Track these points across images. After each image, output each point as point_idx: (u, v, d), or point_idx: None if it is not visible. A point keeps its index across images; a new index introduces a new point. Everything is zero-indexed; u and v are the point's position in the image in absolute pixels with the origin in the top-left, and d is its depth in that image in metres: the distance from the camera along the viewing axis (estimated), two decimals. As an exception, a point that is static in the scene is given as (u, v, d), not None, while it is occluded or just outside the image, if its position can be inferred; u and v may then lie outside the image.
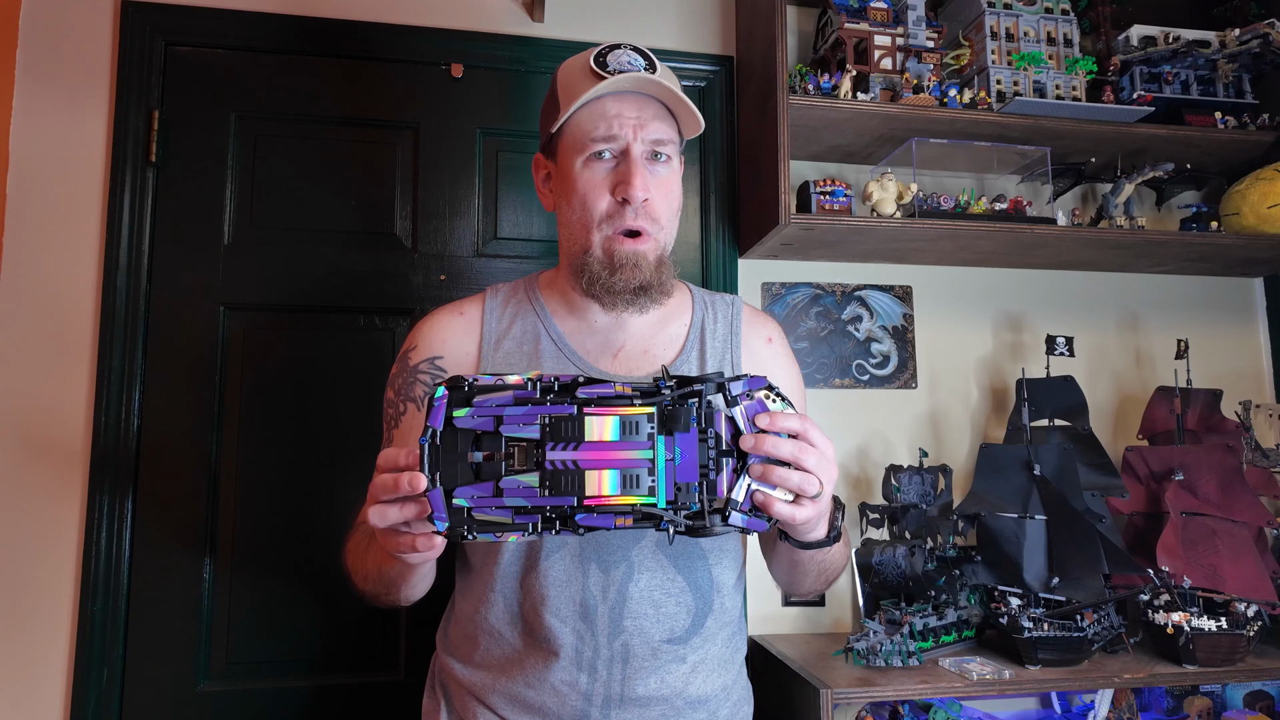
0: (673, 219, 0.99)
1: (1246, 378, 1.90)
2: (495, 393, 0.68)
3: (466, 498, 0.66)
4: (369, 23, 1.64)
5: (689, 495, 0.68)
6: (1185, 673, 1.38)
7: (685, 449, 0.69)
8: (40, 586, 1.43)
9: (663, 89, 0.93)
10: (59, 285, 1.50)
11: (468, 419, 0.67)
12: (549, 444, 0.67)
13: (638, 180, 0.92)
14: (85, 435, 1.47)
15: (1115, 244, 1.64)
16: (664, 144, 0.95)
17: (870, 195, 1.60)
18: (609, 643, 0.90)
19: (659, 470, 0.68)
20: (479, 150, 1.67)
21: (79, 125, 1.53)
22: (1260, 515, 1.55)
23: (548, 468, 0.67)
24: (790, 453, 0.70)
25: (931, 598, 1.49)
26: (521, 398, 0.68)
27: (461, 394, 0.68)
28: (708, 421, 0.70)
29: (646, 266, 0.94)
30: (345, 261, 1.59)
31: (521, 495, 0.66)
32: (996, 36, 1.66)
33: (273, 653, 1.49)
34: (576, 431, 0.67)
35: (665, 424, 0.69)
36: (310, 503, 1.52)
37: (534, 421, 0.67)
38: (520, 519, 0.67)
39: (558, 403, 0.68)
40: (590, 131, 0.93)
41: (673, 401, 0.69)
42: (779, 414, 0.71)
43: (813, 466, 0.71)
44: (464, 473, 0.67)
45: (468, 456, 0.67)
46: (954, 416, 1.79)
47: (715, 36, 1.80)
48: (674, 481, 0.68)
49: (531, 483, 0.67)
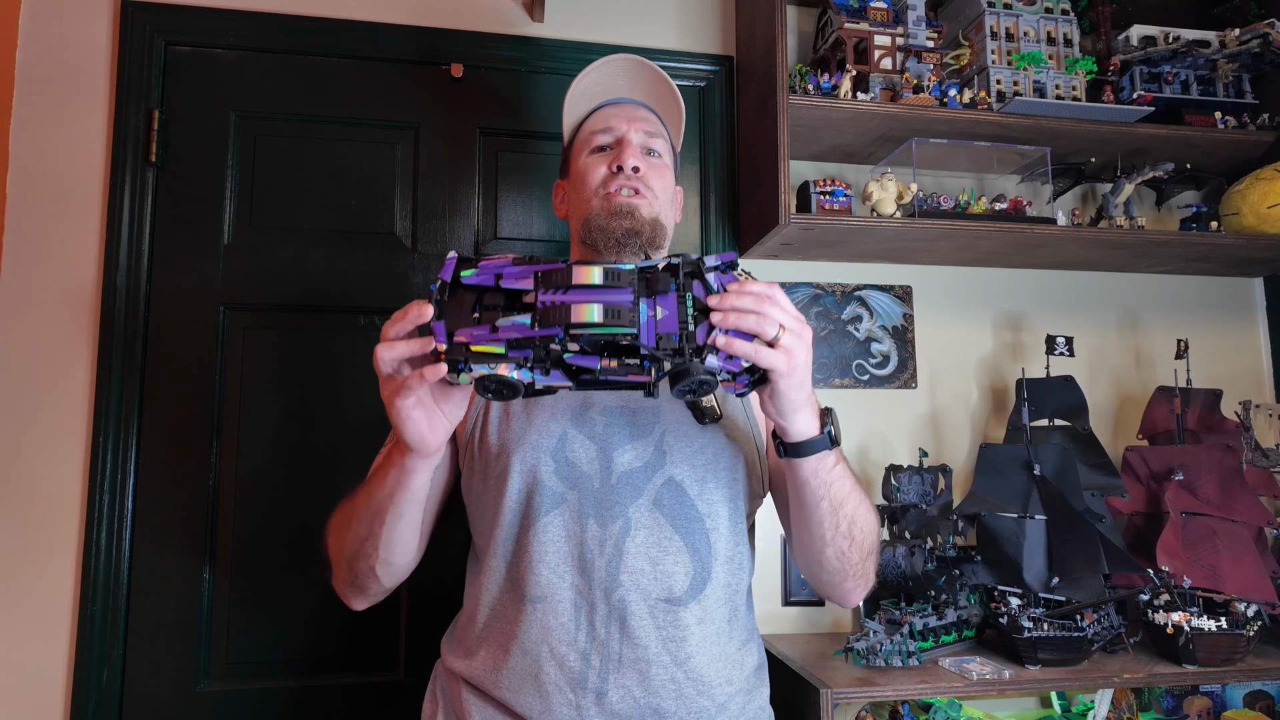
0: (667, 202, 1.10)
1: (1246, 377, 1.90)
2: (498, 259, 0.77)
3: (466, 336, 0.74)
4: (369, 22, 1.64)
5: (669, 343, 0.74)
6: (1185, 672, 1.38)
7: (666, 307, 0.75)
8: (40, 586, 1.43)
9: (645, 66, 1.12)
10: (59, 285, 1.50)
11: (472, 277, 0.76)
12: (540, 289, 0.74)
13: (629, 150, 1.06)
14: (85, 435, 1.47)
15: (1115, 244, 1.64)
16: (655, 137, 1.11)
17: (870, 195, 1.60)
18: (605, 597, 0.91)
19: (641, 319, 0.73)
20: (479, 150, 1.67)
21: (79, 125, 1.53)
22: (1260, 515, 1.55)
23: (538, 306, 0.73)
24: (753, 303, 0.76)
25: (931, 598, 1.49)
26: (519, 260, 0.76)
27: (469, 260, 0.77)
28: (686, 286, 0.76)
29: (640, 217, 1.04)
30: (345, 261, 1.59)
31: (514, 329, 0.73)
32: (996, 36, 1.66)
33: (273, 653, 1.49)
34: (564, 279, 0.73)
35: (648, 286, 0.75)
36: (310, 502, 1.52)
37: (529, 276, 0.75)
38: (514, 352, 0.74)
39: (549, 263, 0.75)
40: (592, 129, 1.11)
41: (654, 269, 0.76)
42: (746, 281, 0.78)
43: (774, 315, 0.76)
44: (466, 320, 0.75)
45: (470, 310, 0.76)
46: (954, 416, 1.79)
47: (715, 36, 1.80)
48: (655, 333, 0.74)
49: (524, 320, 0.73)
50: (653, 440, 0.98)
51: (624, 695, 0.89)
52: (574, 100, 1.15)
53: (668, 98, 1.16)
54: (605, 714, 0.89)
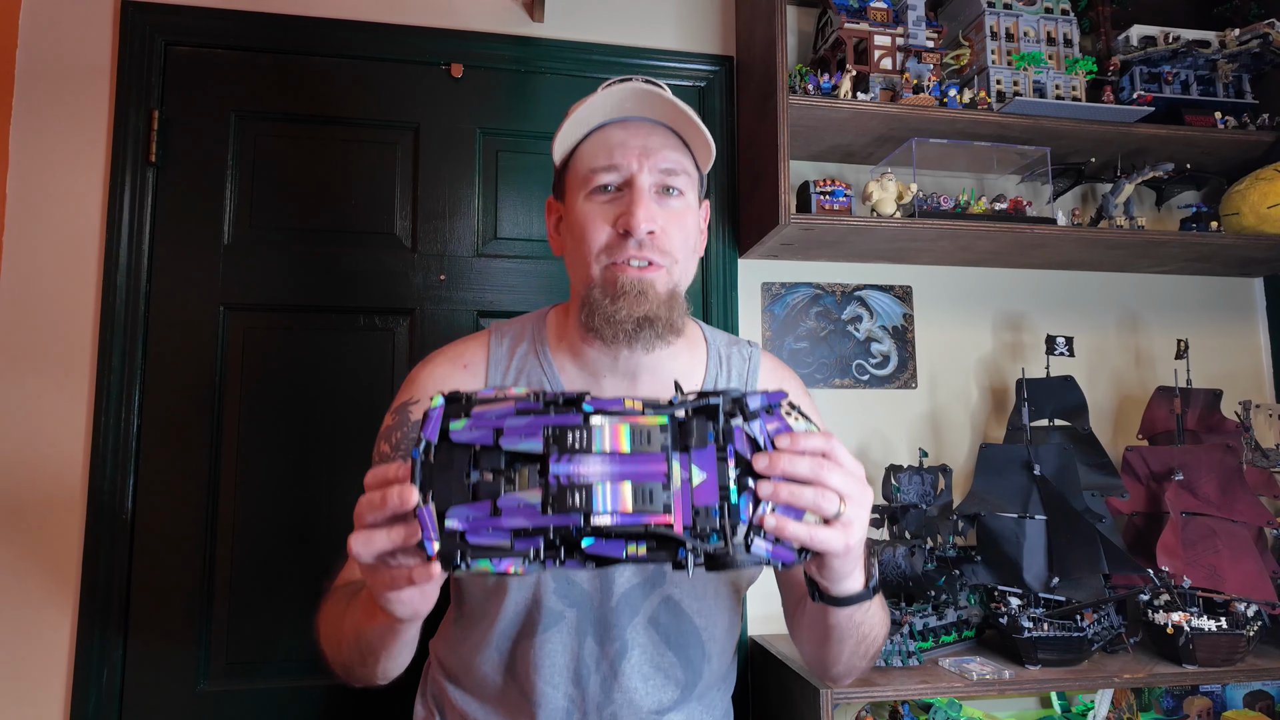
0: (688, 255, 0.90)
1: (1246, 378, 1.90)
2: (496, 404, 0.62)
3: (460, 519, 0.59)
4: (369, 23, 1.64)
5: (708, 520, 0.60)
6: (1185, 673, 1.38)
7: (704, 467, 0.61)
8: (40, 586, 1.43)
9: (669, 105, 0.86)
10: (59, 285, 1.50)
11: (465, 431, 0.60)
12: (553, 455, 0.59)
13: (640, 210, 0.83)
14: (85, 434, 1.47)
15: (1115, 244, 1.64)
16: (675, 174, 0.87)
17: (870, 195, 1.60)
18: (598, 711, 0.90)
19: (674, 489, 0.59)
20: (479, 150, 1.67)
21: (79, 125, 1.53)
22: (1260, 515, 1.55)
23: (551, 483, 0.58)
24: (809, 469, 0.62)
25: (931, 598, 1.49)
26: (524, 408, 0.61)
27: (459, 405, 0.62)
28: (726, 438, 0.62)
29: (654, 297, 0.85)
30: (345, 261, 1.59)
31: (522, 515, 0.59)
32: (996, 36, 1.66)
33: (273, 653, 1.49)
34: (583, 442, 0.59)
35: (680, 440, 0.61)
36: (310, 502, 1.52)
37: (536, 433, 0.60)
38: (520, 544, 0.59)
39: (563, 413, 0.61)
40: (592, 162, 0.87)
41: (687, 414, 0.62)
42: (801, 433, 0.63)
43: (835, 485, 0.63)
44: (459, 490, 0.60)
45: (464, 476, 0.60)
46: (954, 416, 1.79)
47: (715, 36, 1.80)
48: (691, 505, 0.60)
49: (533, 500, 0.59)
50: None
51: None
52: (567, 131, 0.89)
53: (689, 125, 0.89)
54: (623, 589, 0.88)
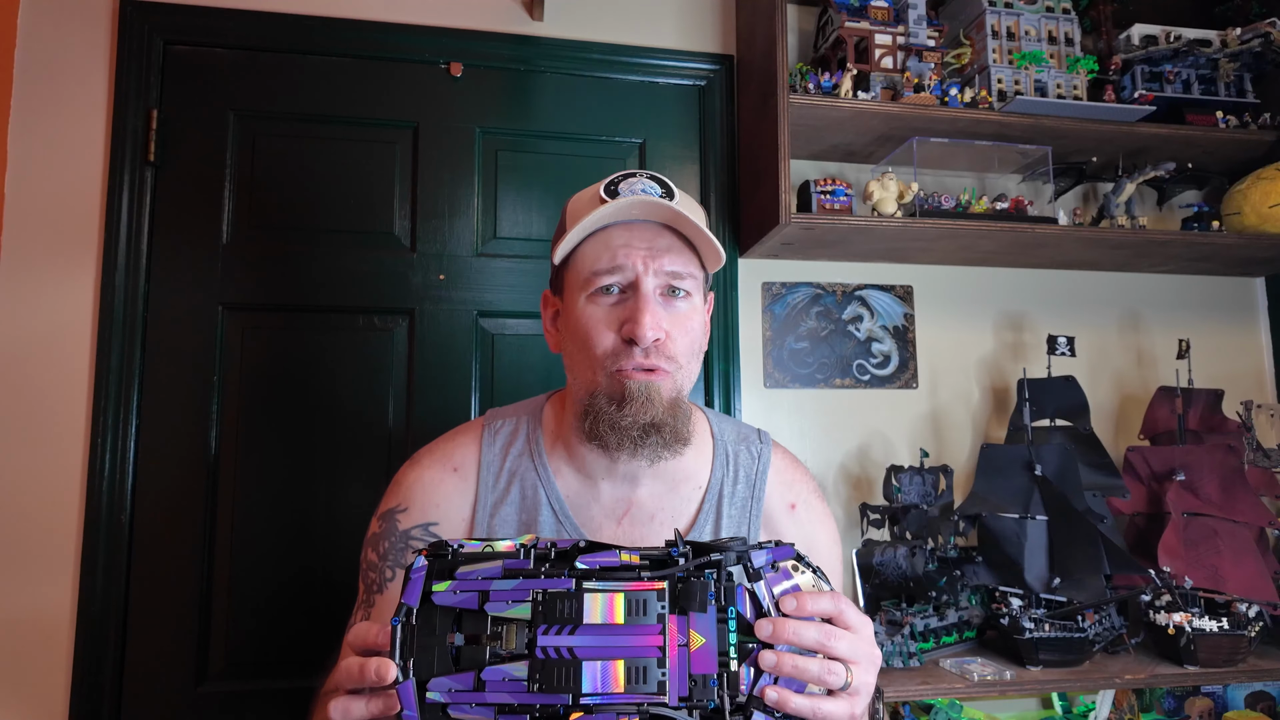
0: (693, 359, 0.87)
1: (1248, 377, 1.90)
2: (482, 562, 0.59)
3: (442, 691, 0.57)
4: (369, 22, 1.64)
5: (706, 691, 0.57)
6: (1186, 673, 1.38)
7: (703, 632, 0.58)
8: (39, 586, 1.43)
9: (679, 217, 0.83)
10: (58, 285, 1.49)
11: (448, 594, 0.58)
12: (541, 627, 0.56)
13: (646, 318, 0.80)
14: (84, 434, 1.46)
15: (1116, 244, 1.64)
16: (681, 277, 0.84)
17: (871, 194, 1.60)
18: None
19: (670, 659, 0.57)
20: (478, 150, 1.67)
21: (77, 125, 1.53)
22: (1262, 515, 1.54)
23: (539, 656, 0.56)
24: (815, 639, 0.59)
25: (932, 598, 1.49)
26: (512, 569, 0.59)
27: (443, 563, 0.60)
28: (728, 599, 0.59)
29: (660, 402, 0.82)
30: (345, 261, 1.59)
31: (507, 690, 0.56)
32: (997, 35, 1.65)
33: (272, 653, 1.49)
34: (574, 612, 0.57)
35: (678, 602, 0.58)
36: (309, 502, 1.52)
37: (525, 598, 0.57)
38: (505, 718, 0.57)
39: (553, 575, 0.58)
40: (595, 264, 0.83)
41: (687, 575, 0.59)
42: (808, 594, 0.60)
43: (843, 653, 0.60)
44: (441, 659, 0.57)
45: (447, 639, 0.58)
46: (955, 417, 1.78)
47: (715, 36, 1.80)
48: (688, 673, 0.57)
49: (519, 674, 0.56)
50: None
51: None
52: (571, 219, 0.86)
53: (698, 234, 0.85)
54: None
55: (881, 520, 1.56)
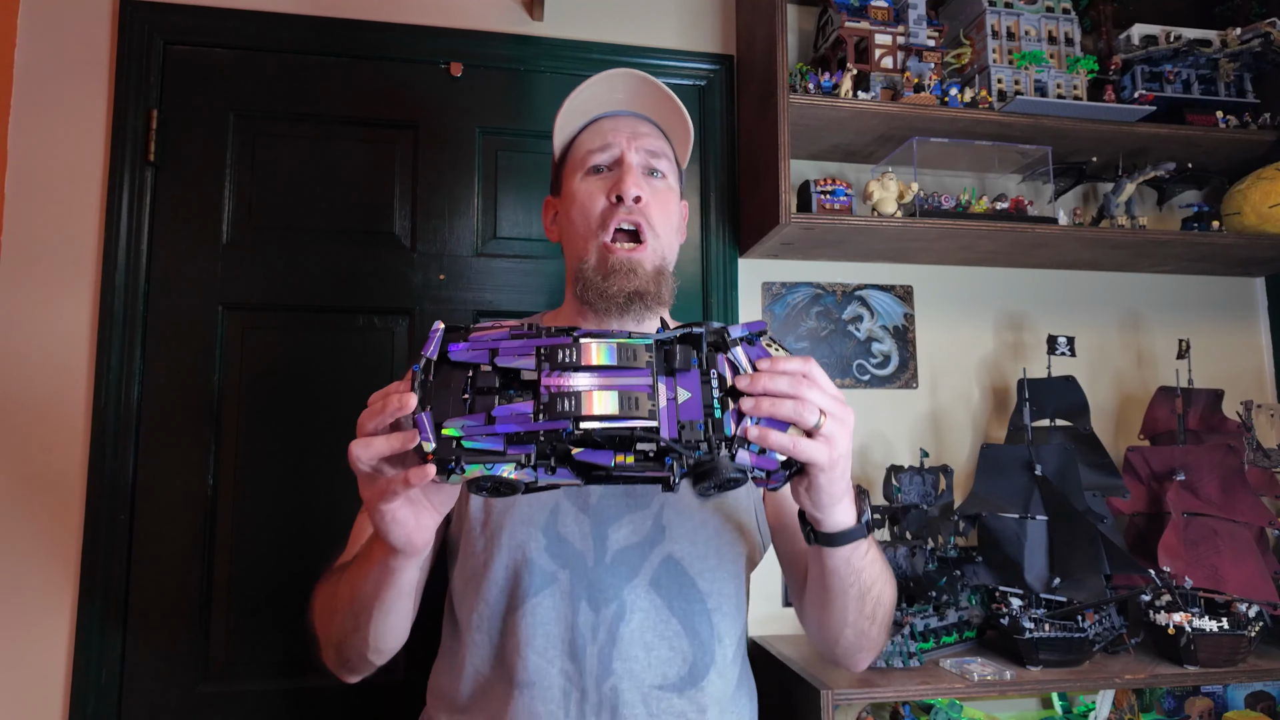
0: (671, 233, 0.99)
1: (1248, 377, 1.90)
2: (492, 330, 0.66)
3: (457, 427, 0.62)
4: (369, 22, 1.64)
5: (693, 432, 0.63)
6: (1186, 673, 1.38)
7: (688, 387, 0.65)
8: (39, 586, 1.43)
9: (649, 82, 0.99)
10: (58, 285, 1.49)
11: (462, 351, 0.65)
12: (544, 371, 0.63)
13: (630, 178, 0.94)
14: (84, 434, 1.47)
15: (1116, 243, 1.64)
16: (658, 157, 0.99)
17: (871, 194, 1.60)
18: (597, 686, 0.86)
19: (659, 408, 0.63)
20: (478, 149, 1.67)
21: (78, 125, 1.53)
22: (1262, 515, 1.54)
23: (542, 393, 0.62)
24: (788, 385, 0.65)
25: (932, 598, 1.49)
26: (518, 334, 0.66)
27: (458, 332, 0.66)
28: (709, 363, 0.66)
29: (643, 274, 0.93)
30: (345, 261, 1.59)
31: (515, 421, 0.62)
32: (997, 35, 1.65)
33: (272, 653, 1.49)
34: (573, 357, 0.63)
35: (665, 363, 0.65)
36: (309, 502, 1.52)
37: (529, 353, 0.64)
38: (514, 449, 0.62)
39: (554, 336, 0.65)
40: (588, 146, 0.98)
41: (671, 340, 0.66)
42: (779, 358, 0.68)
43: (814, 399, 0.66)
44: (456, 404, 0.63)
45: (461, 393, 0.64)
46: (955, 417, 1.78)
47: (715, 35, 1.80)
48: (677, 420, 0.64)
49: (525, 409, 0.62)
50: (651, 514, 0.91)
51: None
52: (566, 117, 1.02)
53: (673, 113, 1.02)
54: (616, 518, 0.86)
55: (881, 520, 1.56)
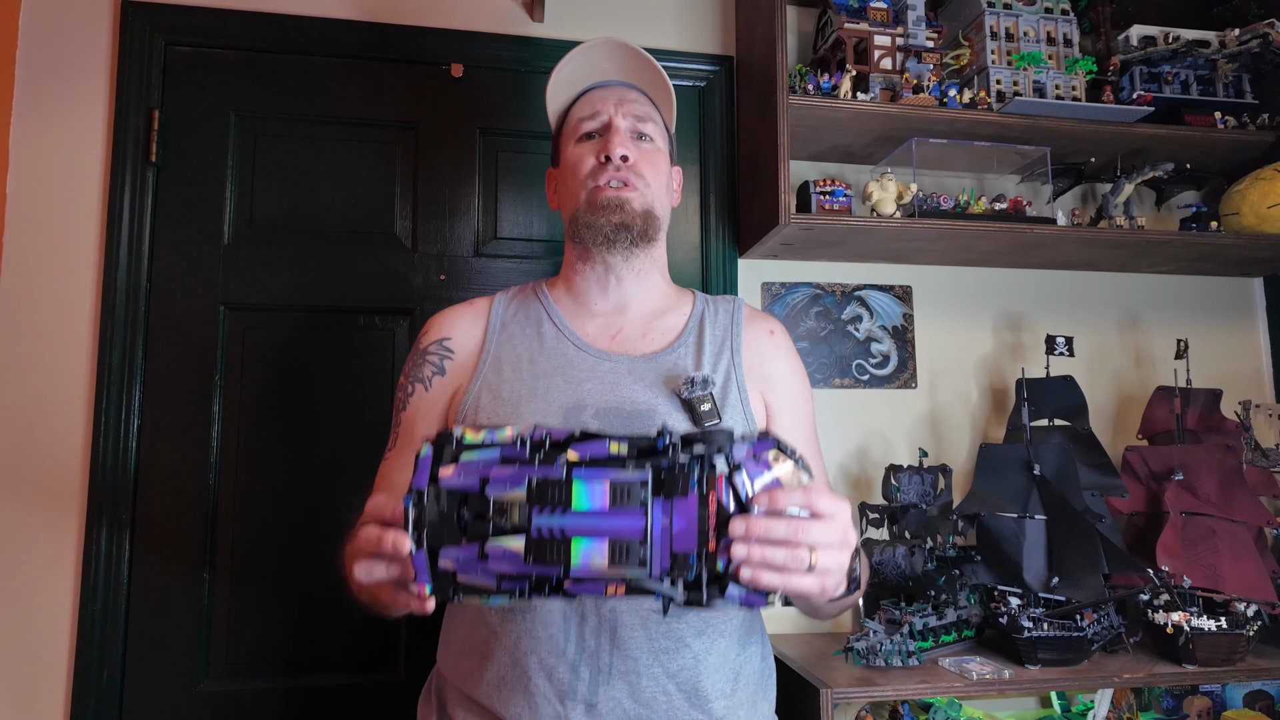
0: (661, 187, 1.06)
1: (1246, 377, 1.90)
2: (483, 449, 0.66)
3: (452, 560, 0.63)
4: (369, 23, 1.64)
5: (685, 566, 0.63)
6: (1185, 672, 1.38)
7: (684, 514, 0.63)
8: (40, 586, 1.43)
9: (631, 50, 1.05)
10: (59, 285, 1.50)
11: (453, 478, 0.65)
12: (535, 507, 0.62)
13: (616, 138, 1.02)
14: (85, 435, 1.47)
15: (1115, 244, 1.64)
16: (645, 121, 1.06)
17: (870, 195, 1.60)
18: (596, 609, 0.89)
19: (652, 540, 0.62)
20: (479, 150, 1.67)
21: (79, 125, 1.53)
22: (1260, 515, 1.55)
23: (533, 534, 0.62)
24: (785, 533, 0.64)
25: (931, 597, 1.49)
26: (509, 456, 0.65)
27: (448, 451, 0.66)
28: (709, 485, 0.64)
29: (630, 210, 1.00)
30: (345, 261, 1.59)
31: (507, 561, 0.62)
32: (996, 36, 1.66)
33: (273, 653, 1.49)
34: (564, 496, 0.62)
35: (663, 487, 0.63)
36: (310, 502, 1.52)
37: (521, 483, 0.63)
38: (506, 584, 0.64)
39: (546, 463, 0.64)
40: (579, 116, 1.06)
41: (671, 464, 0.64)
42: (781, 492, 0.66)
43: (811, 541, 0.66)
44: (450, 532, 0.64)
45: (454, 516, 0.64)
46: (954, 416, 1.79)
47: (715, 36, 1.80)
48: (670, 551, 0.62)
49: (516, 548, 0.62)
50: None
51: (613, 707, 0.87)
52: (557, 87, 1.10)
53: (656, 79, 1.09)
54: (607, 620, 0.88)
55: (881, 520, 1.57)
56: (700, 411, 0.93)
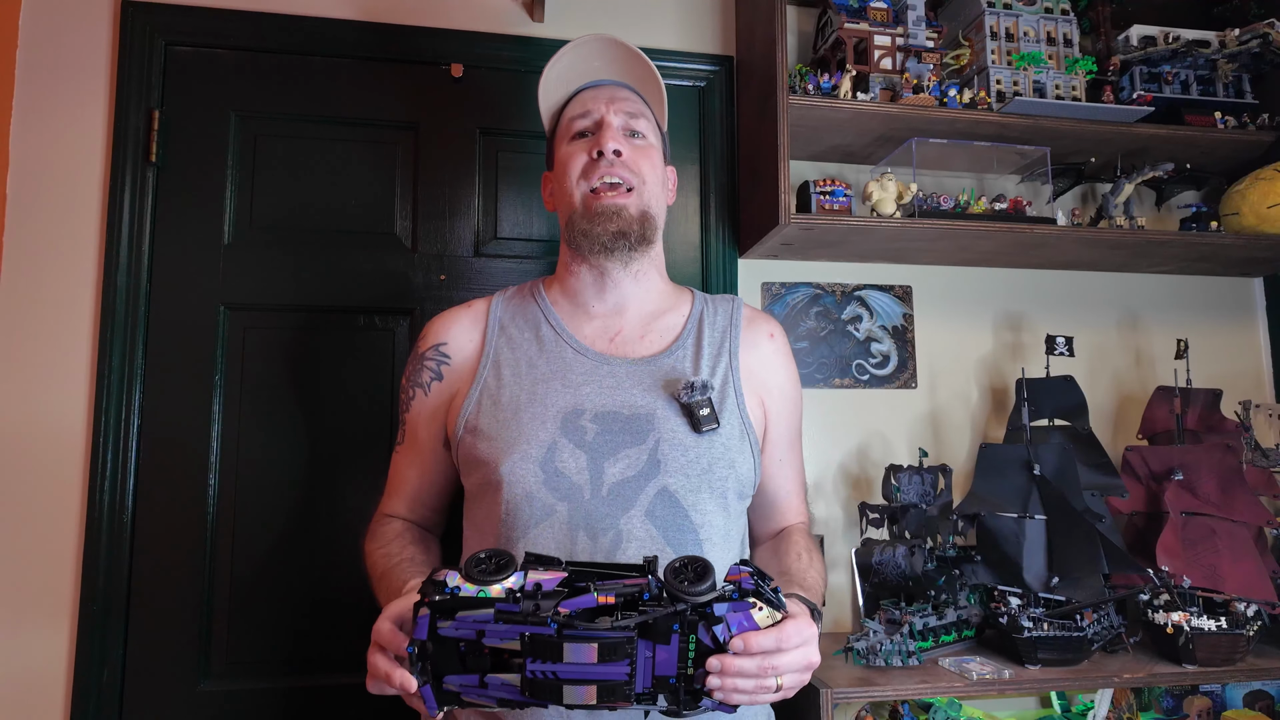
0: (656, 184, 1.06)
1: (1246, 377, 1.90)
2: (477, 606, 0.71)
3: (455, 684, 0.72)
4: (369, 23, 1.64)
5: (665, 687, 0.72)
6: (1185, 672, 1.38)
7: (665, 651, 0.71)
8: (40, 586, 1.43)
9: (621, 46, 1.06)
10: (59, 285, 1.50)
11: (451, 629, 0.71)
12: (529, 659, 0.69)
13: (607, 133, 1.02)
14: (85, 435, 1.47)
15: (1115, 244, 1.64)
16: (637, 118, 1.06)
17: (870, 195, 1.60)
18: None
19: (636, 674, 0.70)
20: (479, 150, 1.67)
21: (79, 125, 1.53)
22: (1260, 515, 1.55)
23: (528, 674, 0.69)
24: (754, 672, 0.72)
25: (931, 597, 1.49)
26: (503, 612, 0.70)
27: (445, 605, 0.72)
28: (689, 630, 0.72)
29: (627, 216, 1.02)
30: (345, 261, 1.59)
31: (504, 691, 0.71)
32: (996, 36, 1.66)
33: (273, 653, 1.49)
34: (555, 653, 0.69)
35: (647, 633, 0.71)
36: (311, 501, 1.52)
37: (514, 636, 0.70)
38: (504, 702, 0.72)
39: (538, 622, 0.70)
40: (572, 115, 1.07)
41: (656, 618, 0.71)
42: (755, 636, 0.72)
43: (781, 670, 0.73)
44: (452, 664, 0.72)
45: (455, 650, 0.72)
46: (954, 416, 1.79)
47: (715, 36, 1.80)
48: (652, 675, 0.71)
49: (513, 682, 0.70)
50: (647, 449, 0.96)
51: None
52: (549, 85, 1.10)
53: (647, 76, 1.10)
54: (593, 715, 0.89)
55: (880, 519, 1.57)
56: (699, 416, 0.97)
